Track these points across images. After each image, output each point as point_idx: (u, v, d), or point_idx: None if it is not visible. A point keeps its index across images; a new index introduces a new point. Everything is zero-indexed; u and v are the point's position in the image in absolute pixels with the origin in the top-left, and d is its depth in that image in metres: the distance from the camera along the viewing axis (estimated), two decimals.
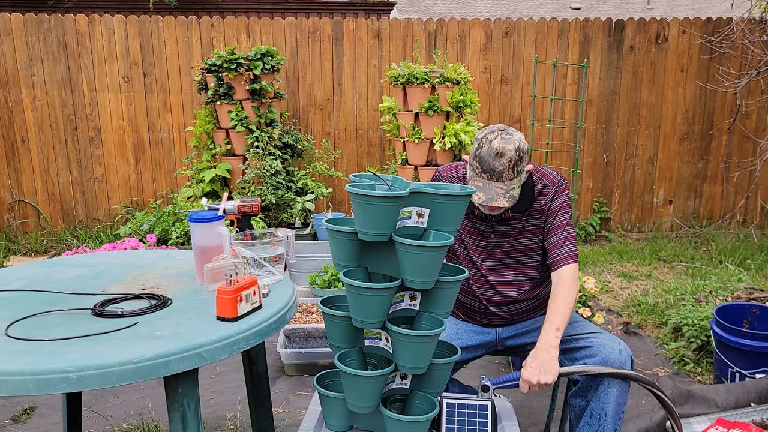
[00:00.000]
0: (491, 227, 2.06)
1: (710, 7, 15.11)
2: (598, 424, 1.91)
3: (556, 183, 2.05)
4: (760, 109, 5.57)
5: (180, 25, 5.21)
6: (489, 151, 1.86)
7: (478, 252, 2.10)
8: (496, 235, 2.07)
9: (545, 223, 2.05)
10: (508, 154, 1.86)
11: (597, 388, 1.92)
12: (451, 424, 1.77)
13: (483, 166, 1.87)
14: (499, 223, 2.05)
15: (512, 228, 2.06)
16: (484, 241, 2.08)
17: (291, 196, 4.51)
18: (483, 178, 1.89)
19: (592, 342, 1.96)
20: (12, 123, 5.20)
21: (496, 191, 1.88)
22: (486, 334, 2.17)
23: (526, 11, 15.91)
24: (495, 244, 2.07)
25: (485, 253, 2.09)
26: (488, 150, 1.87)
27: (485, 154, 1.87)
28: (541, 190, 2.05)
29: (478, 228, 2.08)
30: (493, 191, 1.88)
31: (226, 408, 2.72)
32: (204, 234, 1.68)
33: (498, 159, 1.85)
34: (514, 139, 1.88)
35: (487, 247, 2.08)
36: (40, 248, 5.21)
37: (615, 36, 5.43)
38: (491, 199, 1.88)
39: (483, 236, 2.08)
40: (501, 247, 2.07)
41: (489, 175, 1.87)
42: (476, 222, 2.07)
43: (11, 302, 1.55)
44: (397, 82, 4.47)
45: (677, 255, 5.01)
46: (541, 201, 2.05)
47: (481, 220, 2.06)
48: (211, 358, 1.31)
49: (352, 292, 1.51)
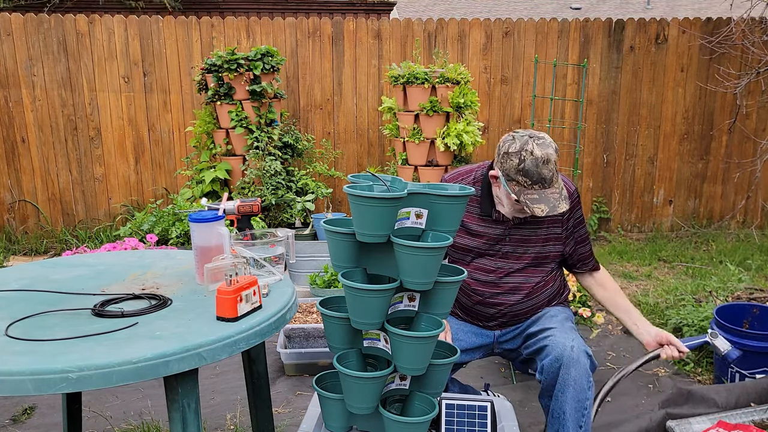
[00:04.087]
0: (506, 231, 2.06)
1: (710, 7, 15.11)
2: (558, 423, 1.91)
3: (572, 193, 2.07)
4: (760, 110, 5.57)
5: (180, 25, 5.22)
6: (534, 161, 1.85)
7: (489, 257, 2.09)
8: (511, 240, 2.07)
9: (567, 235, 2.09)
10: (552, 158, 1.87)
11: (554, 387, 1.92)
12: (450, 425, 1.77)
13: (532, 177, 1.86)
14: (515, 227, 2.06)
15: (526, 234, 2.06)
16: (498, 245, 2.08)
17: (291, 196, 4.51)
18: (536, 189, 1.88)
19: (548, 341, 1.96)
20: (12, 123, 5.20)
21: (553, 197, 1.88)
22: (484, 337, 2.18)
23: (526, 11, 15.91)
24: (509, 249, 2.08)
25: (497, 258, 2.09)
26: (533, 161, 1.85)
27: (531, 166, 1.85)
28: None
29: (492, 233, 2.07)
30: (551, 199, 1.88)
31: (226, 408, 2.72)
32: (204, 234, 1.68)
33: (546, 166, 1.85)
34: (548, 142, 1.89)
35: (500, 252, 2.09)
36: (40, 248, 5.22)
37: (615, 36, 5.44)
38: (554, 207, 1.87)
39: (497, 240, 2.08)
40: (514, 253, 2.08)
41: (541, 185, 1.87)
42: (492, 227, 2.07)
43: (11, 302, 1.55)
44: (397, 83, 4.47)
45: (677, 255, 5.00)
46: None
47: (497, 224, 2.06)
48: (211, 358, 1.31)
49: (350, 293, 1.51)
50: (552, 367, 1.90)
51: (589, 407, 1.90)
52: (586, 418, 1.90)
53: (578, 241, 2.14)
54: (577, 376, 1.87)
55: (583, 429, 1.90)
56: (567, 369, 1.87)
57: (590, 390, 1.90)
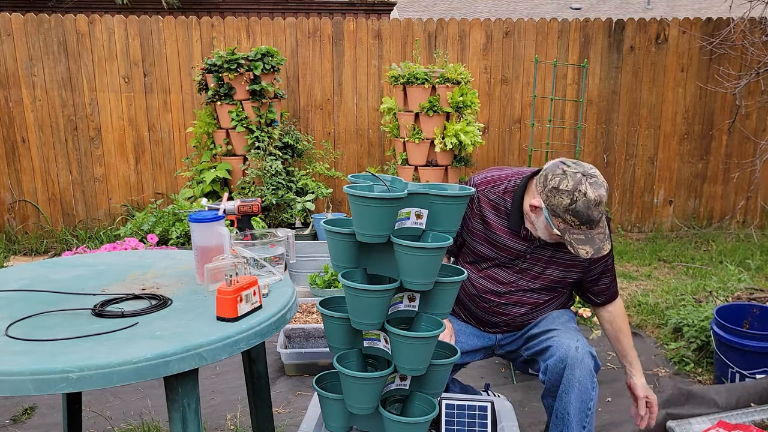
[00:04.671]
0: (530, 249, 2.03)
1: (710, 7, 15.10)
2: (562, 423, 1.90)
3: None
4: (759, 110, 5.57)
5: (180, 25, 5.22)
6: (587, 203, 1.78)
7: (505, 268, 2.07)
8: (532, 258, 2.04)
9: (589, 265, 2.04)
10: (604, 200, 1.81)
11: (558, 387, 1.91)
12: (450, 425, 1.77)
13: (581, 219, 1.80)
14: (541, 246, 2.02)
15: (549, 256, 2.03)
16: (518, 260, 2.05)
17: (291, 197, 4.51)
18: (583, 230, 1.83)
19: (552, 342, 1.96)
20: (12, 123, 5.20)
21: (599, 238, 1.84)
22: (485, 339, 2.17)
23: (526, 11, 15.90)
24: (527, 266, 2.05)
25: (513, 271, 2.07)
26: (585, 203, 1.78)
27: (583, 208, 1.79)
28: None
29: (516, 247, 2.03)
30: (597, 240, 1.83)
31: (226, 408, 2.72)
32: (204, 234, 1.68)
33: (597, 209, 1.80)
34: (601, 182, 1.82)
35: (518, 267, 2.06)
36: (40, 248, 5.22)
37: (615, 36, 5.43)
38: (599, 249, 1.83)
39: (518, 255, 2.04)
40: (532, 271, 2.06)
41: (589, 226, 1.82)
42: (518, 242, 2.02)
43: (11, 302, 1.55)
44: (398, 83, 4.47)
45: (677, 255, 5.01)
46: None
47: (523, 240, 2.02)
48: (211, 358, 1.31)
49: (350, 293, 1.51)
50: (556, 367, 1.90)
51: (592, 408, 1.90)
52: (589, 419, 1.90)
53: (603, 271, 2.09)
54: (582, 376, 1.86)
55: (587, 429, 1.90)
56: (571, 370, 1.87)
57: (594, 391, 1.89)
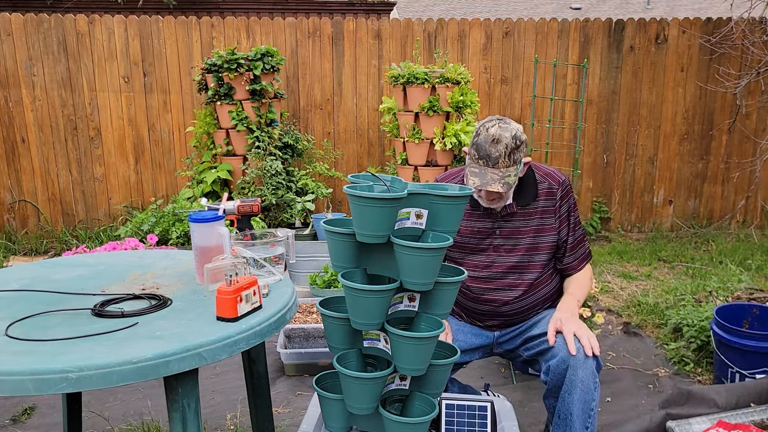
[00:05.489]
0: (496, 223, 2.08)
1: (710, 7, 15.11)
2: (565, 424, 1.90)
3: (562, 183, 2.10)
4: (760, 110, 5.57)
5: (180, 25, 5.22)
6: (486, 138, 1.91)
7: (481, 252, 2.10)
8: (501, 232, 2.08)
9: (558, 226, 2.09)
10: (504, 141, 1.90)
11: (561, 388, 1.91)
12: (450, 425, 1.77)
13: (480, 152, 1.92)
14: (504, 219, 2.07)
15: (517, 225, 2.07)
16: (489, 239, 2.09)
17: (291, 197, 4.51)
18: (479, 164, 1.93)
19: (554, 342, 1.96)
20: (12, 123, 5.20)
21: (491, 176, 1.91)
22: (483, 337, 2.17)
23: (526, 11, 15.91)
24: (500, 242, 2.08)
25: (489, 252, 2.09)
26: (485, 137, 1.91)
27: (482, 141, 1.91)
28: (547, 189, 2.08)
29: (482, 226, 2.09)
30: (488, 176, 1.91)
31: (226, 408, 2.72)
32: (204, 234, 1.68)
33: (494, 145, 1.90)
34: (512, 128, 1.93)
35: (491, 246, 2.09)
36: (40, 248, 5.22)
37: (615, 36, 5.44)
38: (486, 183, 1.91)
39: (488, 233, 2.09)
40: (505, 245, 2.08)
41: (485, 161, 1.91)
42: (481, 220, 2.08)
43: (11, 302, 1.55)
44: (397, 83, 4.47)
45: (677, 255, 5.00)
46: (548, 201, 2.08)
47: (485, 217, 2.08)
48: (211, 358, 1.31)
49: (350, 294, 1.51)
50: (559, 368, 1.90)
51: (595, 408, 1.90)
52: (592, 419, 1.90)
53: (567, 231, 2.11)
54: (584, 377, 1.86)
55: (590, 430, 1.90)
56: (574, 370, 1.87)
57: (596, 391, 1.89)
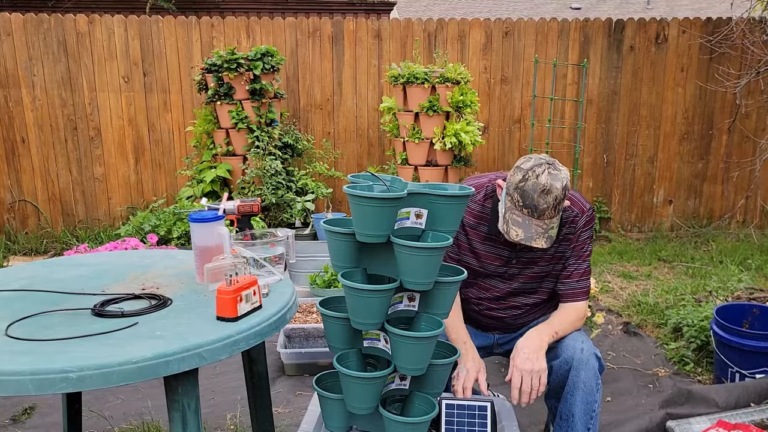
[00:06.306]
0: (514, 254, 1.99)
1: (710, 7, 15.10)
2: (567, 425, 1.90)
3: (586, 212, 1.97)
4: (759, 109, 5.56)
5: (180, 25, 5.21)
6: (535, 186, 1.73)
7: (494, 277, 2.05)
8: (518, 262, 2.01)
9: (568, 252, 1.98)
10: (555, 192, 1.73)
11: (563, 388, 1.90)
12: (450, 425, 1.77)
13: (525, 200, 1.74)
14: (522, 251, 1.98)
15: (535, 256, 1.99)
16: (504, 267, 2.02)
17: (291, 196, 4.51)
18: (523, 213, 1.76)
19: (557, 343, 1.95)
20: (12, 123, 5.20)
21: (536, 230, 1.76)
22: (483, 338, 2.18)
23: (526, 11, 15.90)
24: (516, 271, 2.02)
25: (503, 278, 2.04)
26: (534, 184, 1.73)
27: (530, 189, 1.73)
28: (572, 218, 1.96)
29: (500, 253, 2.00)
30: (533, 229, 1.76)
31: (226, 408, 2.72)
32: (204, 234, 1.68)
33: (543, 196, 1.73)
34: (562, 176, 1.75)
35: (506, 273, 2.03)
36: (40, 248, 5.21)
37: (615, 36, 5.43)
38: (530, 238, 1.76)
39: (504, 262, 2.01)
40: (520, 274, 2.03)
41: (530, 212, 1.75)
42: (499, 248, 1.99)
43: (11, 302, 1.55)
44: (397, 82, 4.47)
45: (677, 255, 5.00)
46: (569, 228, 1.96)
47: (505, 246, 1.98)
48: (211, 358, 1.31)
49: (350, 293, 1.51)
50: (561, 369, 1.89)
51: (597, 409, 1.90)
52: (594, 420, 1.90)
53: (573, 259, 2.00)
54: (587, 378, 1.86)
55: (591, 431, 1.90)
56: (577, 371, 1.86)
57: (599, 392, 1.89)
